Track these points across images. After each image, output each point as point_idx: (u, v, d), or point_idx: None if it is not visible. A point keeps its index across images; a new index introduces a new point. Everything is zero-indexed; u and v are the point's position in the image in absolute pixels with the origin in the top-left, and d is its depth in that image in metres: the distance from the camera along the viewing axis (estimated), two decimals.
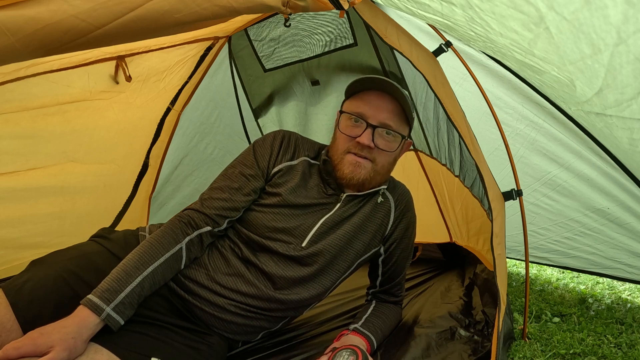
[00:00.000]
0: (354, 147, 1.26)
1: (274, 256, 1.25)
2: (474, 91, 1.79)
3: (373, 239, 1.39)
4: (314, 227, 1.29)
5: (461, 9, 1.27)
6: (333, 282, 1.36)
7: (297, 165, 1.37)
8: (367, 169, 1.27)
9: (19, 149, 1.73)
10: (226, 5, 0.99)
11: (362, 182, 1.29)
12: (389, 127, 1.26)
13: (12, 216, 1.81)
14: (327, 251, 1.29)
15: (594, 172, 1.91)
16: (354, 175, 1.27)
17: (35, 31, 0.78)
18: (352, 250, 1.34)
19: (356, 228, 1.33)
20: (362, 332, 1.30)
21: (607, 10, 0.94)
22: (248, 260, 1.25)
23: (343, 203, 1.34)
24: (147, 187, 2.51)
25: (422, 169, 2.56)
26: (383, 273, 1.49)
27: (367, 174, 1.28)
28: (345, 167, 1.27)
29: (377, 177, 1.32)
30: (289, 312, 1.32)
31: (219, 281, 1.22)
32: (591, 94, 1.27)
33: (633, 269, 2.09)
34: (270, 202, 1.31)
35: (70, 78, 1.70)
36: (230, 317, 1.22)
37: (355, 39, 2.24)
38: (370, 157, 1.27)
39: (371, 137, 1.24)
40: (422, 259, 2.71)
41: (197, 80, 2.38)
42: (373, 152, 1.26)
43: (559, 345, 1.62)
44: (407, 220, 1.44)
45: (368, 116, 1.25)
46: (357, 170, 1.26)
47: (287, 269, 1.25)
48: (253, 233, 1.28)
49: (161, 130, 2.37)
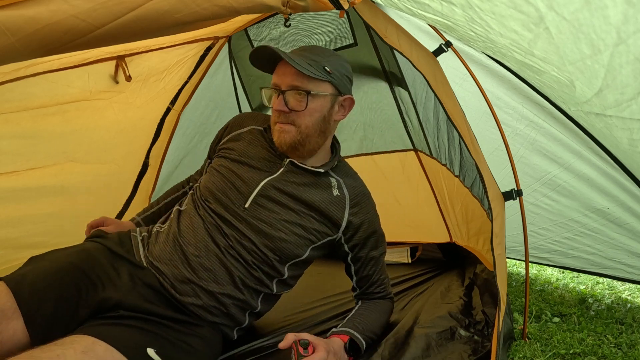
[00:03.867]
0: (276, 116, 1.35)
1: (223, 208, 1.34)
2: (474, 91, 1.79)
3: (325, 223, 1.39)
4: (256, 188, 1.35)
5: (461, 9, 1.27)
6: (286, 257, 1.36)
7: (244, 132, 1.49)
8: (291, 133, 1.33)
9: (19, 149, 1.73)
10: (226, 5, 0.99)
11: (291, 145, 1.34)
12: (296, 87, 1.30)
13: (11, 216, 1.81)
14: (272, 219, 1.33)
15: (594, 172, 1.91)
16: (281, 141, 1.34)
17: (35, 31, 0.78)
18: (301, 225, 1.36)
19: (303, 205, 1.37)
20: (338, 332, 1.33)
21: (607, 10, 0.94)
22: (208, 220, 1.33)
23: (287, 169, 1.39)
24: (147, 187, 2.51)
25: (422, 169, 2.56)
26: (356, 272, 1.50)
27: (293, 138, 1.33)
28: (274, 136, 1.36)
29: (310, 140, 1.36)
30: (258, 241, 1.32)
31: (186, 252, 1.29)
32: (591, 95, 1.27)
33: (633, 269, 2.09)
34: (219, 163, 1.44)
35: (70, 78, 1.70)
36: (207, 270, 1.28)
37: (355, 39, 2.24)
38: (289, 121, 1.32)
39: (283, 102, 1.30)
40: (422, 259, 2.71)
41: (197, 80, 2.38)
42: (291, 115, 1.32)
43: (559, 345, 1.62)
44: (368, 223, 1.45)
45: (279, 84, 1.32)
46: (282, 135, 1.33)
47: (235, 221, 1.33)
48: (204, 194, 1.38)
49: (161, 130, 2.37)
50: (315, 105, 1.33)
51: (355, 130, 2.65)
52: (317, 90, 1.32)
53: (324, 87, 1.34)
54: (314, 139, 1.37)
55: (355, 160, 2.71)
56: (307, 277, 1.59)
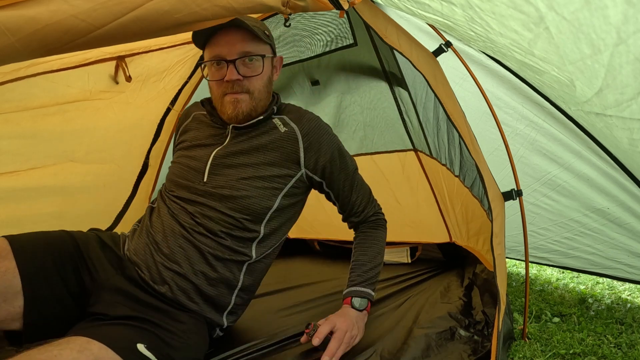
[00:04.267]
0: (226, 87, 1.32)
1: (185, 190, 1.37)
2: (474, 91, 1.79)
3: (284, 165, 1.38)
4: (208, 161, 1.36)
5: (461, 9, 1.27)
6: (256, 213, 1.35)
7: (190, 121, 1.52)
8: (246, 101, 1.33)
9: (19, 149, 1.73)
10: (226, 6, 0.99)
11: (247, 113, 1.35)
12: (247, 54, 1.31)
13: (11, 216, 1.81)
14: (229, 181, 1.34)
15: (594, 172, 1.91)
16: (237, 112, 1.33)
17: (35, 31, 0.78)
18: (260, 177, 1.35)
19: (256, 155, 1.37)
20: (343, 297, 1.42)
21: (607, 10, 0.94)
22: (173, 207, 1.36)
23: (232, 136, 1.39)
24: (147, 187, 2.51)
25: (422, 169, 2.56)
26: (336, 198, 1.51)
27: (249, 105, 1.34)
28: (227, 108, 1.34)
29: (261, 103, 1.38)
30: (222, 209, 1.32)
31: (157, 240, 1.32)
32: (591, 94, 1.27)
33: (633, 269, 2.09)
34: (176, 157, 1.49)
35: (70, 78, 1.71)
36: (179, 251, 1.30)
37: (355, 39, 2.24)
38: (243, 89, 1.32)
39: (235, 71, 1.29)
40: (421, 259, 2.71)
41: (197, 80, 2.38)
42: (244, 83, 1.31)
43: (559, 345, 1.62)
44: (326, 147, 1.42)
45: (224, 54, 1.30)
46: (238, 105, 1.33)
47: (197, 197, 1.34)
48: (168, 186, 1.43)
49: (161, 131, 2.37)
50: (266, 69, 1.36)
51: (355, 130, 2.65)
52: (266, 53, 1.36)
53: (268, 50, 1.38)
54: (264, 102, 1.39)
55: (355, 160, 2.71)
56: (306, 276, 1.59)
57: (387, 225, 1.58)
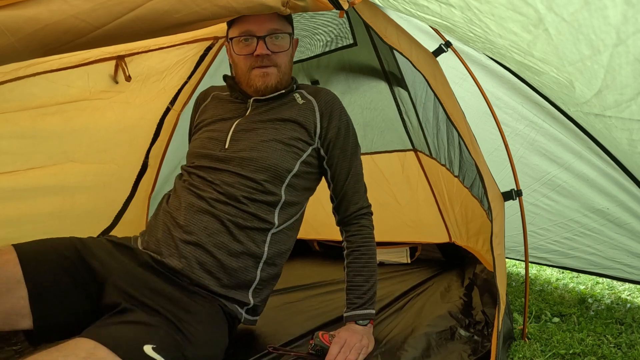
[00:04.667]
0: (255, 62, 1.39)
1: (205, 158, 1.40)
2: (474, 91, 1.79)
3: (302, 133, 1.43)
4: (230, 130, 1.42)
5: (460, 11, 1.27)
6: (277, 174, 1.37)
7: (208, 102, 1.58)
8: (275, 74, 1.41)
9: (18, 149, 1.73)
10: (226, 6, 0.99)
11: (275, 85, 1.43)
12: (276, 31, 1.38)
13: (11, 216, 1.81)
14: (250, 144, 1.38)
15: (593, 173, 1.91)
16: (267, 84, 1.41)
17: (34, 31, 0.78)
18: (280, 140, 1.39)
19: (276, 123, 1.42)
20: (345, 318, 1.42)
21: (607, 11, 0.94)
22: (191, 180, 1.39)
23: (253, 108, 1.46)
24: (147, 187, 2.51)
25: (421, 169, 2.56)
26: (332, 177, 1.50)
27: (277, 78, 1.42)
28: (256, 81, 1.41)
29: (285, 77, 1.46)
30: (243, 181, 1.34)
31: (175, 218, 1.33)
32: (590, 95, 1.27)
33: (633, 269, 2.09)
34: (196, 136, 1.52)
35: (70, 78, 1.70)
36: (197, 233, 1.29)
37: (355, 39, 2.24)
38: (272, 63, 1.40)
39: (265, 46, 1.36)
40: (421, 259, 2.71)
41: (196, 80, 2.38)
42: (272, 57, 1.39)
43: (559, 346, 1.62)
44: (337, 121, 1.47)
45: (254, 31, 1.36)
46: (267, 79, 1.40)
47: (217, 164, 1.38)
48: (188, 160, 1.47)
49: (161, 130, 2.37)
50: (291, 46, 1.45)
51: None
52: (290, 31, 1.45)
53: (290, 29, 1.46)
54: (287, 76, 1.48)
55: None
56: (306, 277, 1.58)
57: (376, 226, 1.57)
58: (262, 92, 1.43)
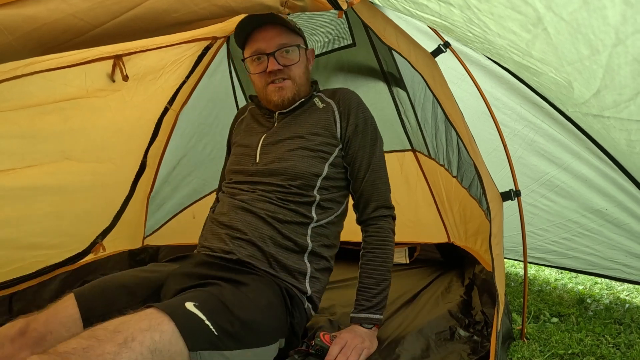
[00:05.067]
0: (269, 78, 1.46)
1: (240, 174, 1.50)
2: (472, 92, 1.79)
3: (326, 136, 1.47)
4: (259, 145, 1.50)
5: (459, 10, 1.27)
6: (306, 180, 1.42)
7: (245, 116, 1.67)
8: (289, 87, 1.47)
9: (16, 148, 1.72)
10: (224, 5, 0.99)
11: (291, 98, 1.48)
12: (285, 45, 1.45)
13: (10, 216, 1.81)
14: (277, 155, 1.44)
15: (592, 173, 1.91)
16: (283, 98, 1.47)
17: (33, 30, 0.78)
18: (305, 147, 1.44)
19: (300, 131, 1.47)
20: (352, 319, 1.42)
21: (606, 10, 0.94)
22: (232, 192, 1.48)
23: (279, 120, 1.53)
24: (145, 187, 2.51)
25: (420, 169, 2.56)
26: (351, 174, 1.52)
27: (292, 90, 1.48)
28: (273, 96, 1.47)
29: (302, 88, 1.52)
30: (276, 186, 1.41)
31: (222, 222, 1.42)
32: (589, 95, 1.27)
33: (631, 270, 2.09)
34: (232, 150, 1.62)
35: (68, 77, 1.70)
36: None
37: (353, 40, 2.24)
38: (286, 76, 1.46)
39: (276, 62, 1.43)
40: (420, 259, 2.71)
41: (195, 81, 2.37)
42: (285, 71, 1.45)
43: (558, 346, 1.62)
44: (354, 117, 1.50)
45: (264, 49, 1.44)
46: (282, 93, 1.46)
47: (251, 177, 1.47)
48: (227, 177, 1.57)
49: (159, 130, 2.37)
50: (302, 57, 1.50)
51: None
52: (300, 43, 1.50)
53: (300, 41, 1.52)
54: (305, 87, 1.53)
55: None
56: None
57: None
58: (281, 106, 1.49)
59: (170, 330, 0.95)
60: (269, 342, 1.18)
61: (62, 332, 1.11)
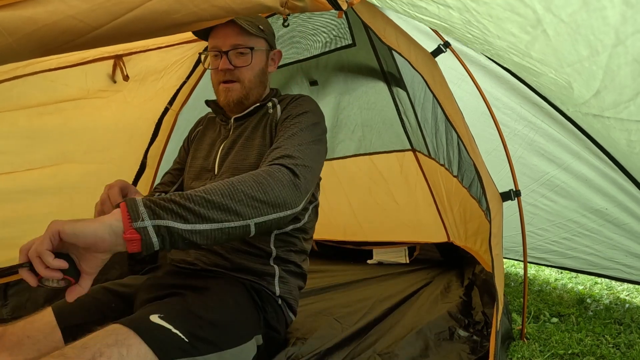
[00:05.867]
0: (221, 76, 1.42)
1: None
2: (472, 92, 1.79)
3: (266, 137, 1.41)
4: (218, 154, 1.45)
5: (458, 12, 1.27)
6: None
7: (202, 127, 1.61)
8: (236, 89, 1.42)
9: (16, 149, 1.72)
10: (224, 6, 0.99)
11: (237, 100, 1.43)
12: (238, 46, 1.40)
13: (10, 217, 1.81)
14: (230, 164, 1.40)
15: (592, 173, 1.91)
16: (228, 99, 1.43)
17: (32, 31, 0.78)
18: (252, 154, 1.39)
19: (248, 136, 1.44)
20: None
21: (606, 11, 0.94)
22: None
23: (235, 127, 1.49)
24: (145, 187, 2.50)
25: (420, 169, 2.56)
26: None
27: (239, 93, 1.43)
28: (221, 96, 1.45)
29: (252, 92, 1.46)
30: None
31: None
32: (589, 96, 1.27)
33: (631, 270, 2.09)
34: (189, 163, 1.54)
35: (68, 77, 1.70)
36: None
37: (353, 40, 2.24)
38: (234, 78, 1.42)
39: (228, 62, 1.39)
40: (420, 259, 2.72)
41: (195, 81, 2.37)
42: (235, 72, 1.41)
43: (558, 346, 1.62)
44: (291, 110, 1.39)
45: (220, 46, 1.40)
46: (229, 94, 1.42)
47: None
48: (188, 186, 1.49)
49: (159, 130, 2.37)
50: (256, 60, 1.44)
51: (353, 131, 2.65)
52: (257, 46, 1.44)
53: (260, 43, 1.46)
54: (256, 90, 1.47)
55: (353, 160, 2.71)
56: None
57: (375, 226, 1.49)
58: (227, 107, 1.46)
59: (137, 343, 0.95)
60: (243, 341, 1.17)
61: (39, 337, 1.12)
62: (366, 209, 2.81)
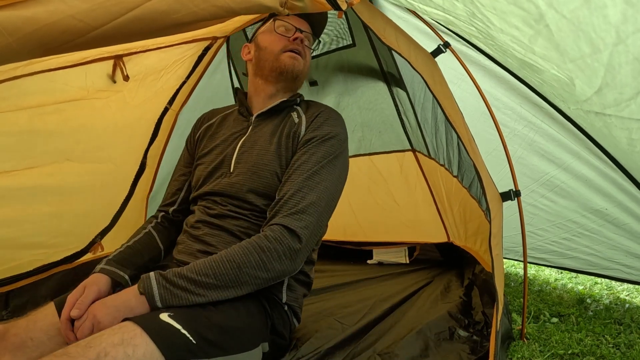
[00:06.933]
0: (290, 44, 1.44)
1: (213, 185, 1.41)
2: (472, 92, 1.79)
3: (287, 147, 1.38)
4: (235, 152, 1.42)
5: (462, 4, 1.27)
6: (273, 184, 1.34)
7: (214, 122, 1.59)
8: (302, 63, 1.46)
9: (16, 148, 1.72)
10: (224, 6, 0.99)
11: (298, 73, 1.46)
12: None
13: (9, 216, 1.81)
14: (249, 167, 1.38)
15: (592, 173, 1.91)
16: (294, 66, 1.44)
17: (32, 31, 0.78)
18: (270, 159, 1.37)
19: (267, 139, 1.42)
20: None
21: (607, 9, 0.95)
22: (202, 205, 1.42)
23: (255, 124, 1.47)
24: (145, 187, 2.50)
25: (420, 169, 2.56)
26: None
27: (302, 67, 1.47)
28: (286, 61, 1.43)
29: (301, 79, 1.50)
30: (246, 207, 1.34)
31: (194, 235, 1.38)
32: (591, 93, 1.27)
33: (631, 270, 2.09)
34: (200, 159, 1.51)
35: (68, 77, 1.70)
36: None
37: (353, 40, 2.24)
38: (302, 53, 1.46)
39: (302, 37, 1.46)
40: (420, 259, 2.72)
41: (195, 80, 2.37)
42: (304, 49, 1.47)
43: (557, 346, 1.62)
44: (317, 131, 1.38)
45: (299, 26, 1.48)
46: (296, 62, 1.44)
47: (225, 187, 1.38)
48: (196, 190, 1.46)
49: (159, 130, 2.37)
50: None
51: (353, 131, 2.65)
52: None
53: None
54: (304, 77, 1.52)
55: (353, 160, 2.71)
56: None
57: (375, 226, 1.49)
58: (290, 74, 1.44)
59: (144, 343, 0.94)
60: (250, 347, 1.16)
61: (43, 339, 1.11)
62: (366, 209, 2.80)
